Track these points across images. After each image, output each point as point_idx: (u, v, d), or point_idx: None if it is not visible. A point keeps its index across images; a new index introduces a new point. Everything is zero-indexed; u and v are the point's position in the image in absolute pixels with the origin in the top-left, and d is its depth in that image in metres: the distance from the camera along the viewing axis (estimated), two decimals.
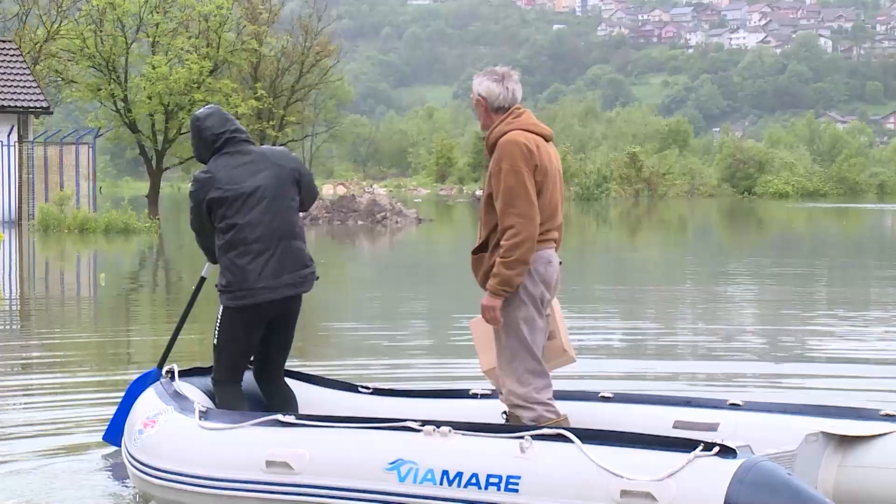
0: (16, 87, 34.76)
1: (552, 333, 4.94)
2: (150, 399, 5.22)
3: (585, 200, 60.01)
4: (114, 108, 45.54)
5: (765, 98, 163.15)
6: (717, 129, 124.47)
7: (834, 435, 4.49)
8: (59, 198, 32.43)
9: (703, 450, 3.90)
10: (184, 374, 5.46)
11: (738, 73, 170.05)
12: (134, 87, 44.86)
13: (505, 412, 4.90)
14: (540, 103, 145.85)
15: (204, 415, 4.91)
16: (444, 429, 4.35)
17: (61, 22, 45.64)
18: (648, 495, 3.87)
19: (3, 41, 37.60)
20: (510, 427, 4.34)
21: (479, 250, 4.83)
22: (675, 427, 4.79)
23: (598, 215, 45.57)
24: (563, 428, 4.22)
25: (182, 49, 44.94)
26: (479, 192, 63.58)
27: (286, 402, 5.39)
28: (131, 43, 45.02)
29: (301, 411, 5.42)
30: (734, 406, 4.84)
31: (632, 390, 6.10)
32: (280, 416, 4.74)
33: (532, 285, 4.75)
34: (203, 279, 5.80)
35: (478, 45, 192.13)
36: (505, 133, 4.81)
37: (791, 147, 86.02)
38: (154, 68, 43.55)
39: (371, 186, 55.05)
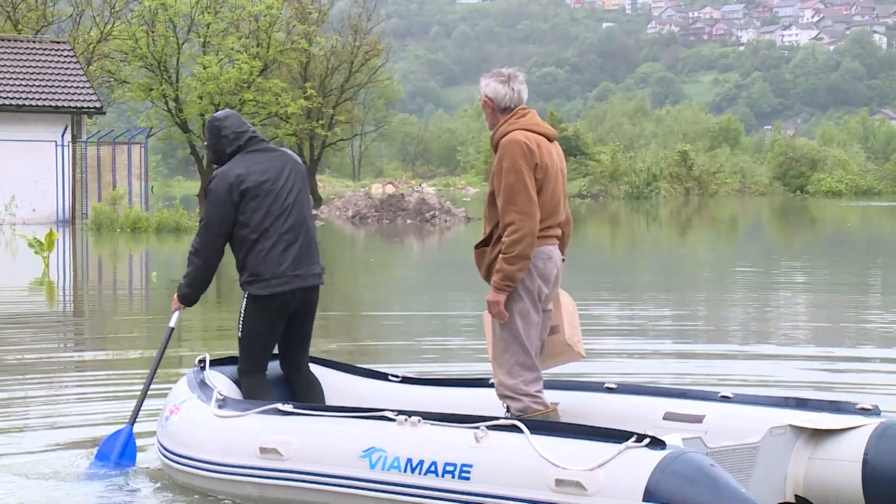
0: (70, 87, 35.21)
1: (555, 328, 5.09)
2: (180, 387, 5.49)
3: (635, 199, 59.72)
4: (165, 108, 46.01)
5: (817, 95, 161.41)
6: (769, 126, 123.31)
7: (805, 428, 4.60)
8: (111, 197, 32.85)
9: (634, 441, 4.07)
10: (217, 363, 5.64)
11: (790, 70, 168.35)
12: (185, 86, 45.31)
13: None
14: (589, 102, 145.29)
15: (220, 403, 5.16)
16: (414, 418, 4.56)
17: (114, 23, 46.19)
18: (578, 484, 4.06)
19: (58, 42, 38.10)
20: (471, 418, 4.52)
21: (482, 245, 4.99)
22: (664, 418, 4.95)
23: (647, 214, 45.35)
24: (517, 419, 4.41)
25: (232, 49, 45.32)
26: None
27: (311, 391, 5.57)
28: (183, 43, 45.46)
29: (331, 399, 5.62)
30: (724, 398, 4.97)
31: (657, 379, 6.12)
32: (279, 405, 4.97)
33: (529, 280, 4.91)
34: (171, 330, 5.85)
35: (526, 44, 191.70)
36: (508, 133, 4.96)
37: (844, 145, 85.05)
38: (205, 68, 43.96)
39: (420, 185, 55.16)
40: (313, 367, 5.79)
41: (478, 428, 4.40)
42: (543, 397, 4.96)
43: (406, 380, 5.74)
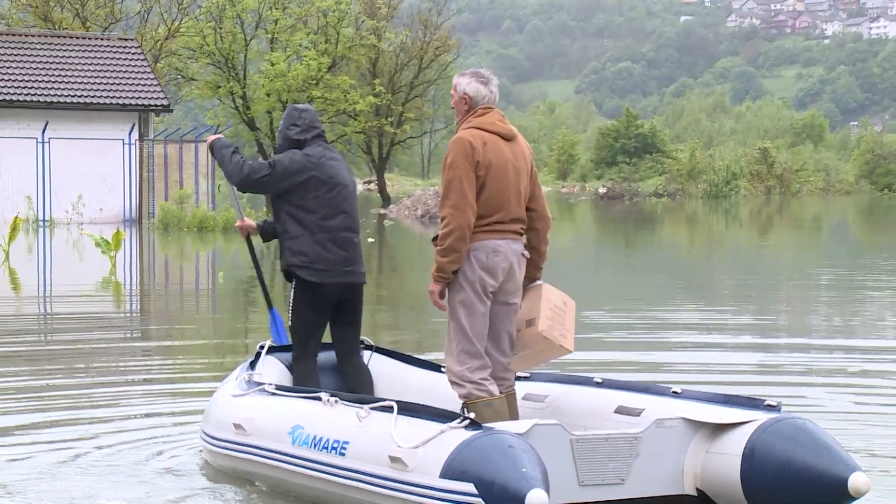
0: (137, 85, 35.74)
1: (531, 321, 5.33)
2: (234, 372, 6.04)
3: (714, 198, 59.16)
4: (232, 106, 46.51)
5: None
6: (855, 122, 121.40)
7: (706, 423, 4.83)
8: (178, 196, 33.27)
9: (458, 422, 4.51)
10: (276, 350, 6.09)
11: (877, 64, 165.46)
12: (252, 84, 45.75)
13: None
14: (666, 97, 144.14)
15: (242, 384, 5.70)
16: (333, 399, 5.09)
17: (182, 19, 46.80)
18: (400, 461, 4.55)
19: (125, 39, 38.70)
20: (368, 399, 5.01)
21: (437, 238, 5.37)
22: (615, 411, 5.26)
23: (727, 213, 44.91)
24: (395, 401, 4.81)
25: (300, 45, 45.66)
26: (602, 190, 63.15)
27: (360, 379, 6.02)
28: (250, 39, 45.92)
29: (382, 387, 6.05)
30: (674, 394, 5.21)
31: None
32: (266, 386, 5.54)
33: (470, 271, 5.22)
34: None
35: (601, 38, 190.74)
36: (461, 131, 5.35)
37: None
38: (272, 65, 44.35)
39: None
40: (375, 356, 6.22)
41: (361, 408, 4.88)
42: (488, 385, 5.23)
43: None
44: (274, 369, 5.91)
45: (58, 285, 17.20)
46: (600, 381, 5.52)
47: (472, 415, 4.62)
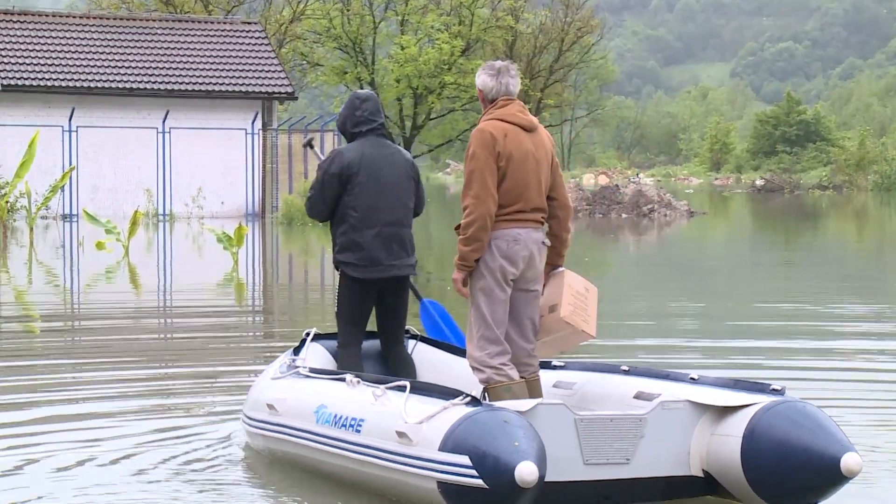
0: (260, 71, 36.31)
1: (554, 307, 5.84)
2: (279, 358, 6.53)
3: (886, 191, 57.69)
4: None
5: None
6: None
7: (712, 406, 5.27)
8: (303, 189, 33.78)
9: (460, 399, 5.05)
10: (322, 337, 6.64)
11: None
12: (381, 69, 46.22)
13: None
14: (832, 81, 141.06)
15: (283, 367, 6.25)
16: (356, 380, 5.63)
17: (307, 1, 47.51)
18: (405, 435, 5.11)
19: (249, 23, 39.39)
20: (385, 380, 5.55)
21: (459, 227, 5.88)
22: (634, 396, 5.69)
23: None
24: (409, 381, 5.36)
25: (432, 27, 45.96)
26: (759, 182, 62.10)
27: (403, 367, 6.52)
28: (379, 22, 46.40)
29: (427, 376, 6.51)
30: (692, 380, 5.66)
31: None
32: (300, 369, 6.10)
33: (491, 259, 5.76)
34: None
35: (760, 16, 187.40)
36: (481, 123, 5.86)
37: None
38: (403, 49, 44.72)
39: (636, 176, 54.77)
40: (419, 345, 6.73)
41: (377, 388, 5.42)
42: (508, 370, 5.74)
43: None
44: (318, 356, 6.45)
45: (178, 282, 17.62)
46: (627, 368, 6.00)
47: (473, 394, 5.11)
